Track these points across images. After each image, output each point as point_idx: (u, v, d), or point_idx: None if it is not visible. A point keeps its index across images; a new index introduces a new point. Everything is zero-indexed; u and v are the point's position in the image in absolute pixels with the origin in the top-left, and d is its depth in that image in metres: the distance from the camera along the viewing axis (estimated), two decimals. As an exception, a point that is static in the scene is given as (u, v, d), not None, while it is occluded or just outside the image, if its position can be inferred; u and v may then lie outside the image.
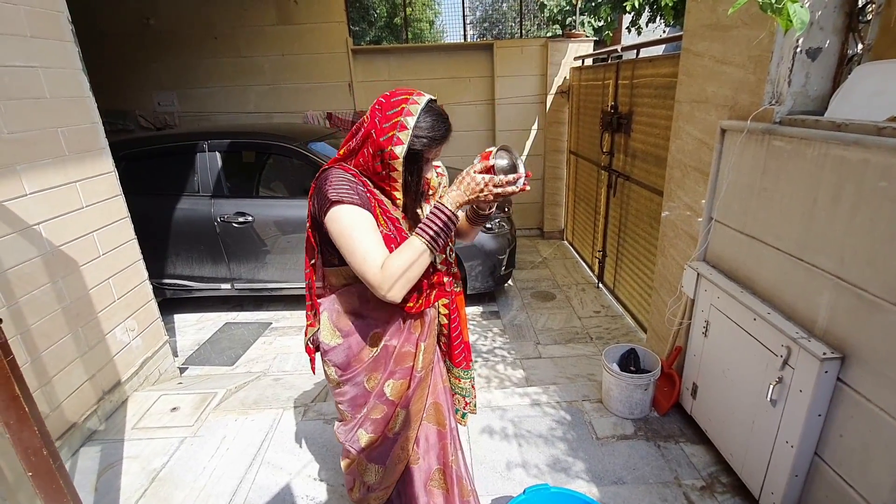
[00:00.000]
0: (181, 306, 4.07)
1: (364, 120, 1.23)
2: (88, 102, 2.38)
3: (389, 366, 1.40)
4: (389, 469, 1.50)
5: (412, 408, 1.44)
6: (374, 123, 1.18)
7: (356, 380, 1.41)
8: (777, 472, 1.72)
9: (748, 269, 1.90)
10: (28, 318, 2.02)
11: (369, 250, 1.16)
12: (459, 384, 1.64)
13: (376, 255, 1.16)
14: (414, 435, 1.48)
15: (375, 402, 1.42)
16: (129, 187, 2.73)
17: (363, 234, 1.16)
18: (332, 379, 1.44)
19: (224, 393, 2.71)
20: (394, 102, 1.18)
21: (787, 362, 1.62)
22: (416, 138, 1.18)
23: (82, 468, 2.16)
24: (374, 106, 1.22)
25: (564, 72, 5.13)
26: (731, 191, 1.98)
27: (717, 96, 2.08)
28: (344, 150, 1.28)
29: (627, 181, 3.57)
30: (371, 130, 1.19)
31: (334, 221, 1.17)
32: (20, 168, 1.99)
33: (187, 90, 5.39)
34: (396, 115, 1.17)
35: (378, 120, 1.18)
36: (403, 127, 1.16)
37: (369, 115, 1.21)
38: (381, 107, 1.19)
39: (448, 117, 1.25)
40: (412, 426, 1.46)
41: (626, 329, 3.58)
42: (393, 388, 1.41)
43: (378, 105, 1.20)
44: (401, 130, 1.16)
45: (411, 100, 1.18)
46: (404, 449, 1.48)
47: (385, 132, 1.17)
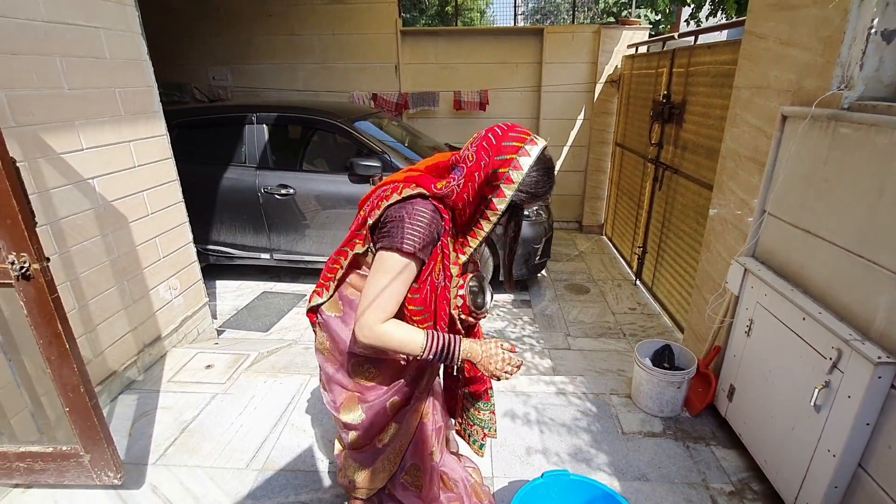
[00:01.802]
0: (223, 273, 4.23)
1: (468, 154, 1.12)
2: (145, 66, 2.48)
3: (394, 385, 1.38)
4: (374, 475, 1.49)
5: (405, 424, 1.43)
6: (479, 166, 1.09)
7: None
8: (815, 483, 1.60)
9: (800, 265, 1.78)
10: (78, 267, 2.14)
11: (387, 302, 1.13)
12: (479, 415, 1.60)
13: (387, 309, 1.14)
14: (403, 449, 1.47)
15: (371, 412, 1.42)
16: (181, 155, 2.84)
17: (396, 285, 1.13)
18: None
19: (256, 356, 2.80)
20: (505, 148, 1.08)
21: (836, 365, 1.50)
22: (519, 192, 1.10)
23: (119, 414, 2.29)
24: (481, 142, 1.11)
25: (616, 60, 4.94)
26: (788, 182, 1.84)
27: (779, 81, 1.93)
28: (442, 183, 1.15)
29: (675, 174, 3.41)
30: (475, 172, 1.09)
31: (386, 260, 1.13)
32: (78, 123, 2.10)
33: (240, 66, 5.55)
34: (505, 165, 1.07)
35: (484, 164, 1.08)
36: (510, 180, 1.07)
37: (475, 152, 1.10)
38: (490, 148, 1.09)
39: (554, 168, 1.15)
40: (402, 440, 1.46)
41: (662, 328, 3.44)
42: (392, 405, 1.39)
43: (487, 143, 1.10)
44: (506, 183, 1.08)
45: (523, 150, 1.07)
46: (391, 461, 1.48)
47: (490, 179, 1.09)
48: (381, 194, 1.20)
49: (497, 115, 5.41)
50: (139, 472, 1.95)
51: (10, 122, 1.83)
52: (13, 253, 1.40)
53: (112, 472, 1.73)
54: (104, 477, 1.73)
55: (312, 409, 2.34)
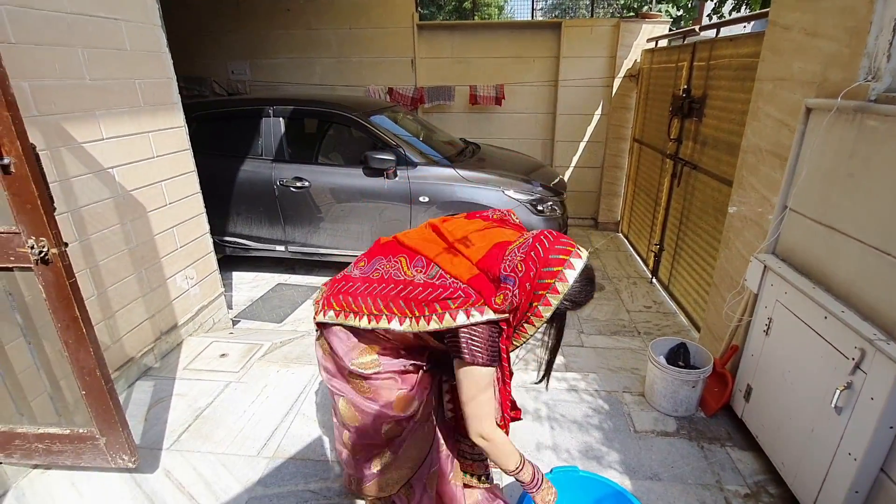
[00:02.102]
0: (239, 264, 4.29)
1: (517, 263, 1.19)
2: (164, 58, 2.51)
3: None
4: (379, 488, 1.53)
5: (402, 452, 1.45)
6: (529, 276, 1.17)
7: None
8: (834, 487, 1.56)
9: (823, 262, 1.72)
10: (97, 255, 2.19)
11: (490, 407, 1.27)
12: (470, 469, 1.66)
13: (492, 414, 1.28)
14: (401, 479, 1.50)
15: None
16: (199, 147, 2.88)
17: (490, 392, 1.25)
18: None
19: (269, 346, 2.83)
20: (552, 261, 1.16)
21: (859, 366, 1.45)
22: (563, 301, 1.18)
23: (136, 399, 2.33)
24: (529, 252, 1.18)
25: (635, 55, 4.85)
26: (811, 177, 1.79)
27: (804, 73, 1.87)
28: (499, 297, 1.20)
29: (694, 170, 3.34)
30: (526, 283, 1.18)
31: (475, 374, 1.22)
32: (99, 114, 2.14)
33: (259, 60, 5.61)
34: (551, 277, 1.15)
35: (533, 274, 1.17)
36: (556, 291, 1.16)
37: (523, 261, 1.18)
38: (538, 259, 1.17)
39: (595, 278, 1.24)
40: (399, 469, 1.48)
41: (677, 327, 3.38)
42: (388, 431, 1.43)
43: (535, 254, 1.18)
44: (552, 293, 1.16)
45: (568, 263, 1.16)
46: (395, 481, 1.51)
47: (537, 288, 1.17)
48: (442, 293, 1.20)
49: (513, 110, 5.37)
50: (153, 456, 1.99)
51: (34, 112, 1.87)
52: (33, 237, 1.43)
53: (127, 456, 1.76)
54: (119, 460, 1.77)
55: (323, 399, 2.36)
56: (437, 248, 1.32)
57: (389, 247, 1.41)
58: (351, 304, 1.34)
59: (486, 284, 1.21)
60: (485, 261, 1.23)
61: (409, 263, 1.31)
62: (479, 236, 1.32)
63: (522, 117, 5.42)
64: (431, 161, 3.66)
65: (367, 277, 1.36)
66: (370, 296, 1.31)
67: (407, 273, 1.29)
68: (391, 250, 1.39)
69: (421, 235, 1.41)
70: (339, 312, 1.35)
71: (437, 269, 1.25)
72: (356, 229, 3.75)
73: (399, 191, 3.57)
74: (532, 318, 1.20)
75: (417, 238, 1.40)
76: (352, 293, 1.35)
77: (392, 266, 1.33)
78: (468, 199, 3.50)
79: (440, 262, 1.26)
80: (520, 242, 1.23)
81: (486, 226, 1.39)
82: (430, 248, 1.33)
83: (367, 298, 1.31)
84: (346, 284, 1.39)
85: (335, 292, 1.39)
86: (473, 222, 1.42)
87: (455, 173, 3.57)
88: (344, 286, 1.38)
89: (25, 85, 1.83)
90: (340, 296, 1.37)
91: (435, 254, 1.30)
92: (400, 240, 1.41)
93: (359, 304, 1.33)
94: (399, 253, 1.36)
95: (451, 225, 1.41)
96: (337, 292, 1.38)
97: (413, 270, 1.29)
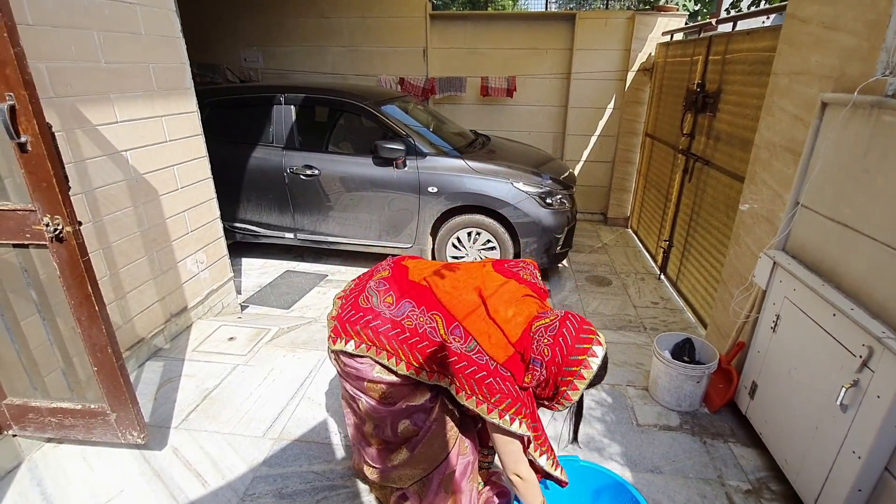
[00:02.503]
0: (249, 251, 4.33)
1: (544, 349, 1.28)
2: (178, 43, 2.53)
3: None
4: (385, 479, 1.58)
5: (417, 451, 1.49)
6: (555, 361, 1.27)
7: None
8: (837, 485, 1.55)
9: (834, 260, 1.70)
10: (110, 236, 2.22)
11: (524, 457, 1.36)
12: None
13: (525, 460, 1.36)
14: (414, 476, 1.54)
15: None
16: (211, 133, 2.90)
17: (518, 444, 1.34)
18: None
19: (277, 331, 2.87)
20: (578, 349, 1.26)
21: (866, 364, 1.44)
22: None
23: (146, 379, 2.38)
24: (557, 338, 1.28)
25: (650, 48, 4.79)
26: (825, 173, 1.76)
27: (821, 66, 1.84)
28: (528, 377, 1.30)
29: (706, 166, 3.30)
30: (552, 367, 1.28)
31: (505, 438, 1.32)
32: (113, 96, 2.17)
33: (271, 48, 5.62)
34: (577, 365, 1.26)
35: (559, 360, 1.27)
36: (582, 377, 1.26)
37: (550, 346, 1.28)
38: (565, 347, 1.27)
39: (608, 361, 1.34)
40: (413, 468, 1.52)
41: (684, 324, 3.36)
42: (404, 430, 1.48)
43: (563, 340, 1.27)
44: (579, 379, 1.27)
45: (591, 351, 1.27)
46: (398, 480, 1.56)
47: (563, 374, 1.27)
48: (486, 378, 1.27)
49: (524, 102, 5.33)
50: (162, 434, 2.03)
51: (50, 93, 1.90)
52: (48, 215, 1.46)
53: (136, 432, 1.80)
54: (129, 436, 1.81)
55: (328, 384, 2.38)
56: (474, 314, 1.35)
57: (421, 293, 1.41)
58: (385, 344, 1.37)
59: (518, 365, 1.30)
60: (521, 342, 1.31)
61: (445, 327, 1.33)
62: (515, 309, 1.37)
63: (534, 110, 5.38)
64: (441, 152, 3.65)
65: (398, 322, 1.37)
66: (408, 345, 1.35)
67: (443, 336, 1.32)
68: (424, 300, 1.39)
69: (456, 290, 1.41)
70: (371, 347, 1.38)
71: (475, 343, 1.30)
72: (365, 219, 3.76)
73: (408, 181, 3.57)
74: (563, 401, 1.30)
75: (453, 293, 1.40)
76: (383, 333, 1.37)
77: (427, 322, 1.35)
78: (477, 191, 3.50)
79: (477, 336, 1.31)
80: (547, 323, 1.32)
81: (521, 292, 1.44)
82: (465, 311, 1.36)
83: (405, 346, 1.35)
84: (373, 320, 1.38)
85: (363, 324, 1.39)
86: (508, 284, 1.45)
87: (464, 164, 3.56)
88: (371, 321, 1.38)
89: (42, 66, 1.86)
90: (371, 332, 1.38)
91: (471, 322, 1.33)
92: (434, 291, 1.41)
93: (393, 347, 1.36)
94: (434, 309, 1.37)
95: (489, 285, 1.43)
96: (364, 324, 1.39)
97: (450, 336, 1.32)
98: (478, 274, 1.48)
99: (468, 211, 3.61)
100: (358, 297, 1.46)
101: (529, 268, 1.58)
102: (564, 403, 1.31)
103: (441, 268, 1.51)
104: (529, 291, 1.45)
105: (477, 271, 1.50)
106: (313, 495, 1.77)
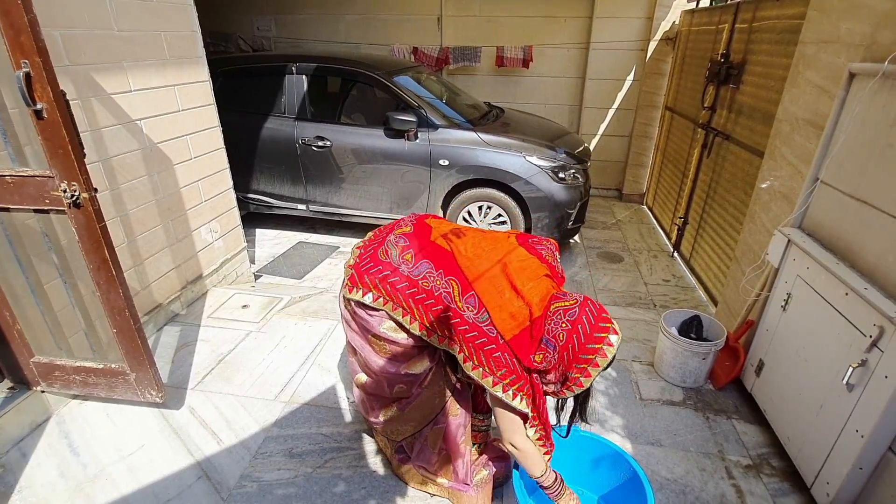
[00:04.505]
0: (263, 222, 4.39)
1: (560, 333, 1.26)
2: (190, 11, 2.51)
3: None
4: (374, 428, 1.69)
5: (407, 412, 1.55)
6: (568, 348, 1.26)
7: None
8: (838, 462, 1.56)
9: (851, 238, 1.66)
10: (127, 204, 2.27)
11: (521, 427, 1.37)
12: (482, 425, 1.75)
13: (522, 431, 1.38)
14: (405, 432, 1.61)
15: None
16: (224, 103, 2.90)
17: (516, 416, 1.35)
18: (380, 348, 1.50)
19: (289, 300, 2.93)
20: (595, 338, 1.24)
21: (875, 343, 1.42)
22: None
23: (164, 343, 2.47)
24: (576, 325, 1.25)
25: (674, 16, 4.60)
26: (848, 147, 1.70)
27: (851, 34, 1.76)
28: (539, 357, 1.30)
29: (726, 140, 3.21)
30: (564, 353, 1.26)
31: (506, 412, 1.34)
32: (126, 65, 2.18)
33: (284, 16, 5.54)
34: (593, 353, 1.23)
35: (573, 347, 1.25)
36: (597, 364, 1.24)
37: (567, 332, 1.26)
38: (583, 336, 1.24)
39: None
40: (404, 424, 1.59)
41: (695, 302, 3.34)
42: (398, 391, 1.54)
43: (581, 327, 1.25)
44: (593, 367, 1.24)
45: (608, 340, 1.24)
46: (392, 434, 1.64)
47: (577, 361, 1.25)
48: (494, 351, 1.27)
49: (540, 73, 5.20)
50: (179, 395, 2.12)
51: (65, 61, 1.91)
52: (65, 182, 1.50)
53: (154, 391, 1.88)
54: (147, 395, 1.89)
55: (338, 352, 2.45)
56: (491, 284, 1.34)
57: (441, 256, 1.40)
58: (401, 300, 1.37)
59: (525, 343, 1.29)
60: (538, 320, 1.30)
61: (461, 294, 1.32)
62: (535, 284, 1.35)
63: (550, 81, 5.25)
64: (453, 124, 3.61)
65: (414, 281, 1.36)
66: (422, 306, 1.35)
67: (458, 304, 1.31)
68: (443, 263, 1.38)
69: (478, 258, 1.40)
70: (388, 302, 1.39)
71: (487, 315, 1.29)
72: (376, 191, 3.76)
73: (419, 153, 3.55)
74: (573, 387, 1.29)
75: (475, 261, 1.39)
76: (400, 290, 1.37)
77: (444, 286, 1.34)
78: (489, 164, 3.46)
79: (490, 308, 1.30)
80: (566, 306, 1.30)
81: (542, 271, 1.41)
82: (483, 280, 1.34)
83: (420, 307, 1.36)
84: (391, 275, 1.39)
85: (382, 278, 1.39)
86: (531, 261, 1.43)
87: (476, 137, 3.52)
88: (389, 276, 1.39)
89: (56, 34, 1.87)
90: (388, 286, 1.38)
91: (486, 292, 1.32)
92: (455, 255, 1.40)
93: (409, 305, 1.37)
94: (451, 274, 1.35)
95: (513, 259, 1.41)
96: (382, 278, 1.39)
97: (465, 304, 1.31)
98: (502, 246, 1.46)
99: (480, 184, 3.58)
100: (377, 250, 1.46)
101: (551, 248, 1.55)
102: (575, 389, 1.29)
103: (465, 231, 1.50)
104: (548, 272, 1.44)
105: (502, 242, 1.48)
106: (321, 455, 1.85)
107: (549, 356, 1.28)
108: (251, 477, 1.76)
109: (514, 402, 1.27)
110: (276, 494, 1.69)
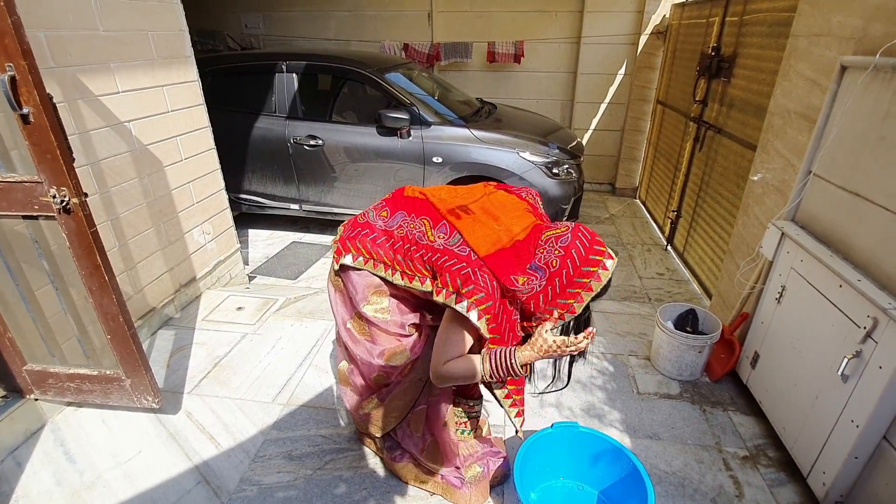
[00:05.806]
0: (255, 222, 4.35)
1: (552, 259, 1.23)
2: (177, 9, 2.47)
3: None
4: (387, 414, 1.65)
5: (387, 402, 1.58)
6: (561, 273, 1.22)
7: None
8: (834, 452, 1.58)
9: (844, 230, 1.68)
10: (118, 208, 2.24)
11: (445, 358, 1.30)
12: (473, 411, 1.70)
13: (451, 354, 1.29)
14: (388, 425, 1.64)
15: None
16: (213, 103, 2.86)
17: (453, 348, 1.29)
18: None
19: (284, 301, 2.91)
20: (590, 260, 1.21)
21: (870, 335, 1.44)
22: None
23: (158, 347, 2.44)
24: (570, 250, 1.22)
25: (664, 9, 4.60)
26: (840, 140, 1.71)
27: (843, 27, 1.76)
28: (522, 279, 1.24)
29: (718, 134, 3.22)
30: (556, 279, 1.22)
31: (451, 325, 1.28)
32: (113, 66, 2.14)
33: (273, 13, 5.48)
34: (587, 276, 1.21)
35: (566, 273, 1.22)
36: (590, 289, 1.22)
37: (560, 258, 1.22)
38: (578, 259, 1.21)
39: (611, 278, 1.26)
40: (387, 416, 1.61)
41: (690, 294, 3.36)
42: (377, 378, 1.57)
43: (576, 252, 1.22)
44: (587, 291, 1.22)
45: (603, 264, 1.21)
46: (379, 425, 1.66)
47: (573, 286, 1.22)
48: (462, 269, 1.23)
49: (532, 68, 5.19)
50: (176, 399, 2.10)
51: (50, 63, 1.87)
52: (54, 187, 1.47)
53: (151, 397, 1.86)
54: (143, 400, 1.87)
55: (335, 352, 2.43)
56: (463, 211, 1.35)
57: (416, 203, 1.43)
58: (381, 256, 1.40)
59: (508, 264, 1.24)
60: (522, 243, 1.28)
61: (432, 227, 1.34)
62: (515, 212, 1.35)
63: (542, 76, 5.24)
64: (446, 121, 3.59)
65: (390, 232, 1.40)
66: (400, 253, 1.37)
67: (430, 237, 1.33)
68: (416, 208, 1.41)
69: (454, 199, 1.42)
70: (368, 260, 1.42)
71: (459, 237, 1.30)
72: (370, 189, 3.74)
73: (412, 151, 3.53)
74: (565, 314, 1.25)
75: (448, 200, 1.41)
76: (380, 245, 1.40)
77: (417, 227, 1.37)
78: (482, 161, 3.45)
79: (462, 229, 1.30)
80: (558, 234, 1.27)
81: (523, 206, 1.42)
82: (459, 210, 1.35)
83: (398, 255, 1.37)
84: (369, 233, 1.43)
85: (361, 238, 1.44)
86: (510, 198, 1.45)
87: (469, 133, 3.51)
88: (368, 234, 1.43)
89: (41, 35, 1.83)
90: (368, 244, 1.42)
91: (462, 221, 1.32)
92: (430, 200, 1.43)
93: (389, 257, 1.39)
94: (423, 214, 1.38)
95: (493, 200, 1.42)
96: (362, 238, 1.43)
97: (436, 234, 1.33)
98: (479, 191, 1.49)
99: (474, 181, 3.57)
100: (356, 217, 1.53)
101: (533, 194, 1.55)
102: (566, 316, 1.25)
103: (441, 187, 1.54)
104: (530, 209, 1.44)
105: (479, 189, 1.51)
106: (321, 457, 1.84)
107: (533, 282, 1.24)
108: (251, 480, 1.75)
109: (468, 313, 1.18)
110: (276, 497, 1.68)
